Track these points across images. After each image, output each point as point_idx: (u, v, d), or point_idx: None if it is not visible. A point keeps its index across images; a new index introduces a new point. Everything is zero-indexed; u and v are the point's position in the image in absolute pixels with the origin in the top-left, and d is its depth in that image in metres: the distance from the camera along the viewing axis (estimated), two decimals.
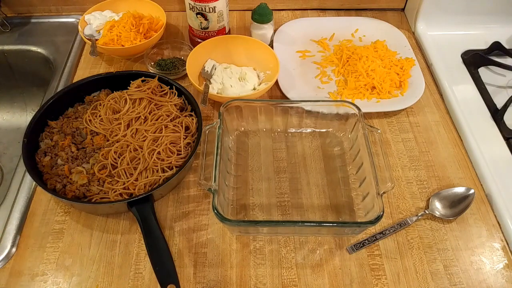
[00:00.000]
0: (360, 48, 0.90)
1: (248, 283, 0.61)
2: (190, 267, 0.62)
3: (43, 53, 0.95)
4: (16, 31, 0.99)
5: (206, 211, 0.68)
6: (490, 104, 0.82)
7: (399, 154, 0.76)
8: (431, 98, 0.85)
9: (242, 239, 0.65)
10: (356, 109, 0.70)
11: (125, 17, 0.91)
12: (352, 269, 0.62)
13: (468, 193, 0.69)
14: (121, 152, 0.69)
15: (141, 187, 0.66)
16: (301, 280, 0.61)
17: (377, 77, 0.83)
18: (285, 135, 0.78)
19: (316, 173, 0.72)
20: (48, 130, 0.73)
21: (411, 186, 0.71)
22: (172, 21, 1.00)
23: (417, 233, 0.66)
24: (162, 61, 0.88)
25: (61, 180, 0.66)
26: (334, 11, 1.04)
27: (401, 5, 1.04)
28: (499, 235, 0.66)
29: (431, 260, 0.63)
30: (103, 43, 0.87)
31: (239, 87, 0.81)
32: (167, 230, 0.66)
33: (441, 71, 0.88)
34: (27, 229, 0.66)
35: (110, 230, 0.66)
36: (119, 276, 0.61)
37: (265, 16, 0.87)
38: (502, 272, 0.62)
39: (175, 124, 0.73)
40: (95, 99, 0.78)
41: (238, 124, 0.77)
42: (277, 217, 0.67)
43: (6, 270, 0.61)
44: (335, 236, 0.65)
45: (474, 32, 0.97)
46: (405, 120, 0.81)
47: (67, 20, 1.01)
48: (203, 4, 0.83)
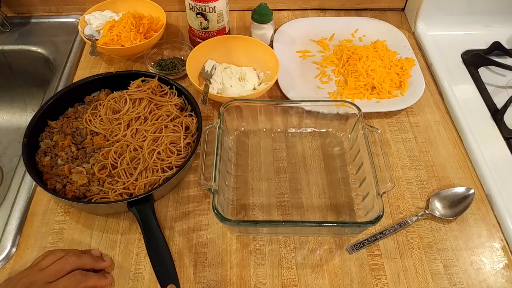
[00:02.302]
0: (360, 48, 0.90)
1: (248, 283, 0.61)
2: (190, 267, 0.62)
3: (43, 53, 0.95)
4: (16, 31, 0.99)
5: (206, 211, 0.68)
6: (490, 104, 0.82)
7: (399, 154, 0.76)
8: (431, 98, 0.85)
9: (242, 239, 0.65)
10: (356, 109, 0.70)
11: (125, 17, 0.91)
12: (352, 269, 0.62)
13: (468, 193, 0.69)
14: (121, 152, 0.69)
15: (141, 187, 0.66)
16: (301, 280, 0.61)
17: (377, 77, 0.83)
18: (285, 135, 0.78)
19: (316, 173, 0.72)
20: (48, 130, 0.73)
21: (411, 186, 0.71)
22: (172, 21, 1.00)
23: (417, 233, 0.66)
24: (162, 61, 0.88)
25: (61, 180, 0.66)
26: (334, 11, 1.04)
27: (401, 5, 1.04)
28: (499, 235, 0.66)
29: (431, 260, 0.63)
30: (103, 43, 0.87)
31: (239, 87, 0.81)
32: (167, 230, 0.66)
33: (441, 71, 0.88)
34: (27, 229, 0.66)
35: (110, 230, 0.66)
36: (119, 276, 0.61)
37: (265, 16, 0.87)
38: (502, 272, 0.62)
39: (175, 124, 0.73)
40: (95, 99, 0.78)
41: (238, 124, 0.77)
42: (277, 217, 0.67)
43: (6, 270, 0.61)
44: (335, 236, 0.65)
45: (474, 32, 0.97)
46: (405, 120, 0.81)
47: (67, 20, 1.01)
48: (203, 4, 0.83)
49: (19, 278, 0.54)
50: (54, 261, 0.56)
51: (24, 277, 0.54)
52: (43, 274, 0.54)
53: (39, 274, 0.54)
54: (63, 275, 0.55)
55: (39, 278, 0.53)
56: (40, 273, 0.54)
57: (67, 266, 0.55)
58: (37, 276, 0.54)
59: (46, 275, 0.54)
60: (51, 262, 0.55)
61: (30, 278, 0.53)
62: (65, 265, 0.55)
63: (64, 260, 0.56)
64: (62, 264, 0.55)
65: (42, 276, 0.53)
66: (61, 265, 0.55)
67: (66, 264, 0.55)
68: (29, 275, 0.54)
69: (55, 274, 0.54)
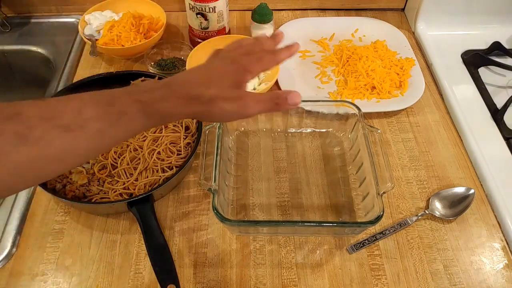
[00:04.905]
0: (360, 48, 0.90)
1: (248, 283, 0.61)
2: (190, 267, 0.62)
3: (43, 53, 0.95)
4: (16, 31, 0.99)
5: (206, 211, 0.68)
6: (490, 104, 0.82)
7: (399, 154, 0.76)
8: (431, 98, 0.85)
9: (242, 239, 0.65)
10: (356, 109, 0.70)
11: (125, 17, 0.91)
12: (352, 269, 0.62)
13: (468, 193, 0.69)
14: (121, 152, 0.69)
15: (141, 187, 0.66)
16: (301, 280, 0.61)
17: (377, 77, 0.83)
18: (285, 135, 0.78)
19: (316, 173, 0.72)
20: None
21: (411, 186, 0.71)
22: (172, 21, 1.00)
23: (417, 233, 0.66)
24: (162, 61, 0.88)
25: (61, 180, 0.66)
26: (334, 11, 1.04)
27: (401, 5, 1.04)
28: (499, 235, 0.66)
29: (431, 260, 0.63)
30: (103, 43, 0.87)
31: None
32: (167, 230, 0.66)
33: (441, 71, 0.88)
34: (27, 229, 0.65)
35: (110, 230, 0.66)
36: (119, 276, 0.61)
37: (265, 16, 0.87)
38: (502, 272, 0.62)
39: (175, 124, 0.73)
40: None
41: (238, 124, 0.77)
42: (277, 217, 0.67)
43: (6, 270, 0.61)
44: (335, 236, 0.65)
45: (474, 32, 0.97)
46: (405, 120, 0.81)
47: (67, 20, 1.01)
48: (203, 4, 0.83)
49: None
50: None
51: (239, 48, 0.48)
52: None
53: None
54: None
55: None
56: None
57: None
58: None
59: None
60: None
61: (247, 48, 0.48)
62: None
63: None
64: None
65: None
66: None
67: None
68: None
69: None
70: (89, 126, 0.38)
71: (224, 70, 0.45)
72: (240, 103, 0.43)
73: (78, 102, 0.39)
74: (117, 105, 0.40)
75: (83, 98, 0.39)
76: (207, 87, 0.42)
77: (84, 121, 0.37)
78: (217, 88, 0.43)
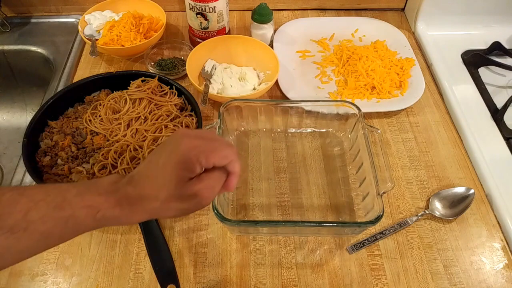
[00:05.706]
0: (360, 48, 0.90)
1: (248, 283, 0.61)
2: (190, 267, 0.62)
3: (43, 53, 0.95)
4: (16, 31, 0.99)
5: (206, 211, 0.68)
6: (490, 104, 0.82)
7: (399, 154, 0.76)
8: (431, 98, 0.85)
9: (242, 239, 0.65)
10: (356, 109, 0.70)
11: (125, 17, 0.91)
12: (352, 269, 0.62)
13: (468, 193, 0.69)
14: (121, 152, 0.69)
15: None
16: (301, 280, 0.61)
17: (377, 77, 0.83)
18: (285, 135, 0.78)
19: (316, 173, 0.72)
20: (48, 130, 0.73)
21: (411, 186, 0.71)
22: (172, 21, 1.00)
23: (417, 233, 0.66)
24: (162, 61, 0.88)
25: (61, 180, 0.66)
26: (334, 11, 1.04)
27: (401, 5, 1.04)
28: (499, 235, 0.66)
29: (431, 260, 0.63)
30: (103, 43, 0.87)
31: (239, 87, 0.81)
32: (167, 230, 0.66)
33: (441, 71, 0.88)
34: None
35: (110, 230, 0.66)
36: (119, 276, 0.61)
37: (265, 16, 0.87)
38: (502, 272, 0.62)
39: (175, 124, 0.73)
40: (95, 99, 0.78)
41: (238, 124, 0.77)
42: (277, 217, 0.67)
43: (6, 270, 0.61)
44: (335, 236, 0.65)
45: (474, 32, 0.97)
46: (405, 120, 0.81)
47: (67, 20, 1.01)
48: (203, 4, 0.83)
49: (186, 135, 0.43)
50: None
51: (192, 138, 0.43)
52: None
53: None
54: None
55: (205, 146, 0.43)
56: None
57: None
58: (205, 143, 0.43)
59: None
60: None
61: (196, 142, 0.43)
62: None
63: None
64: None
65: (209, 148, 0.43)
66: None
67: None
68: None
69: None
70: (33, 228, 0.38)
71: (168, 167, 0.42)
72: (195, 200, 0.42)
73: (28, 202, 0.39)
74: (66, 209, 0.40)
75: (34, 198, 0.40)
76: (156, 195, 0.42)
77: (29, 223, 0.38)
78: (165, 191, 0.41)
